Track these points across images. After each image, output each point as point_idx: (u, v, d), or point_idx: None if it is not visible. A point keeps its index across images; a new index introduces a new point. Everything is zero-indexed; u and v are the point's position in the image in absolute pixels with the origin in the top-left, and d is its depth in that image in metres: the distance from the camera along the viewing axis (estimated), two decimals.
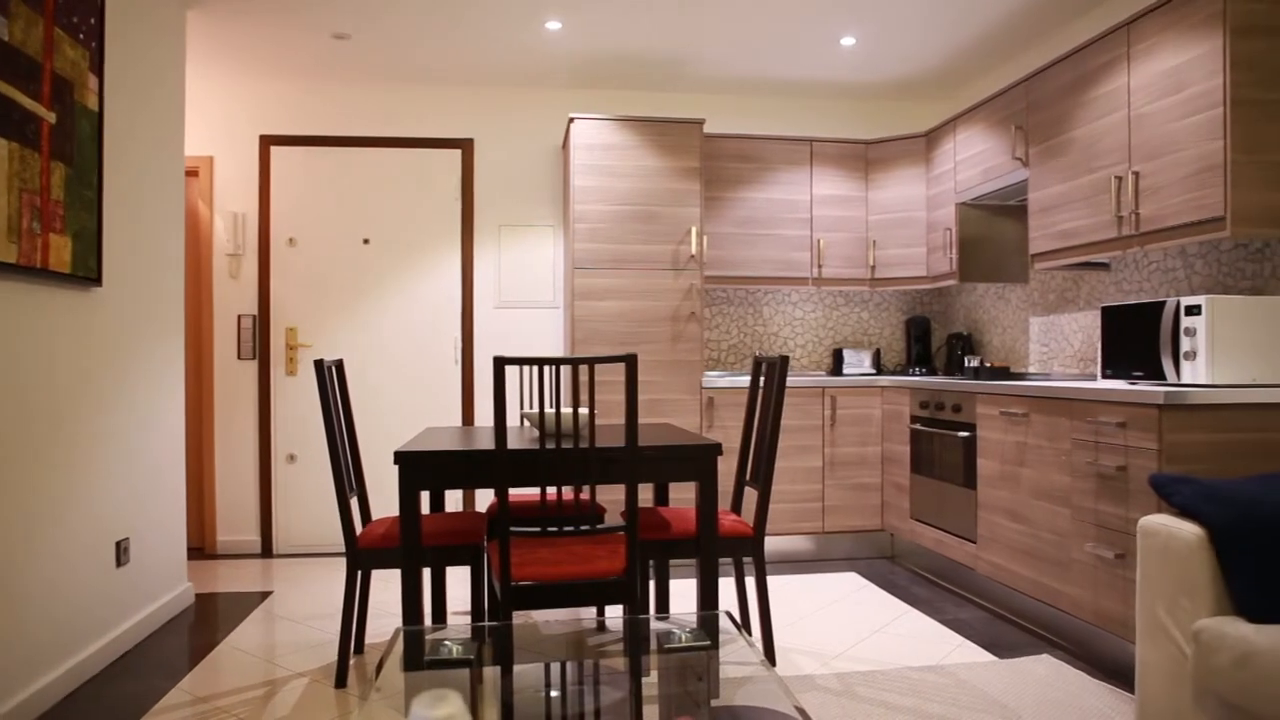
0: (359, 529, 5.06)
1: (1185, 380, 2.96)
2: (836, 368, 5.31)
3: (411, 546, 2.70)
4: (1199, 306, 2.89)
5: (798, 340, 5.48)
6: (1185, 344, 2.94)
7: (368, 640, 3.50)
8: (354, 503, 5.24)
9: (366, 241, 5.17)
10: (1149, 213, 3.20)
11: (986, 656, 3.25)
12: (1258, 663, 1.84)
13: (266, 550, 5.07)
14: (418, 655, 2.33)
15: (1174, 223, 3.08)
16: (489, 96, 5.29)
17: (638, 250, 4.66)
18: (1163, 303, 3.04)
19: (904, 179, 5.07)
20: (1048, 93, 3.82)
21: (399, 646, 2.31)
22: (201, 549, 5.09)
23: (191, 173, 5.04)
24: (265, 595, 4.19)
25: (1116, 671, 3.10)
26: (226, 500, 5.06)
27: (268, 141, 5.09)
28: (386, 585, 4.37)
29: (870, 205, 5.17)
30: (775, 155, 5.09)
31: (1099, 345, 3.59)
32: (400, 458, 2.67)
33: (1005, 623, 3.69)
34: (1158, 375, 3.07)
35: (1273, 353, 2.92)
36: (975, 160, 4.44)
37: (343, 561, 4.91)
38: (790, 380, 4.74)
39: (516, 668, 2.33)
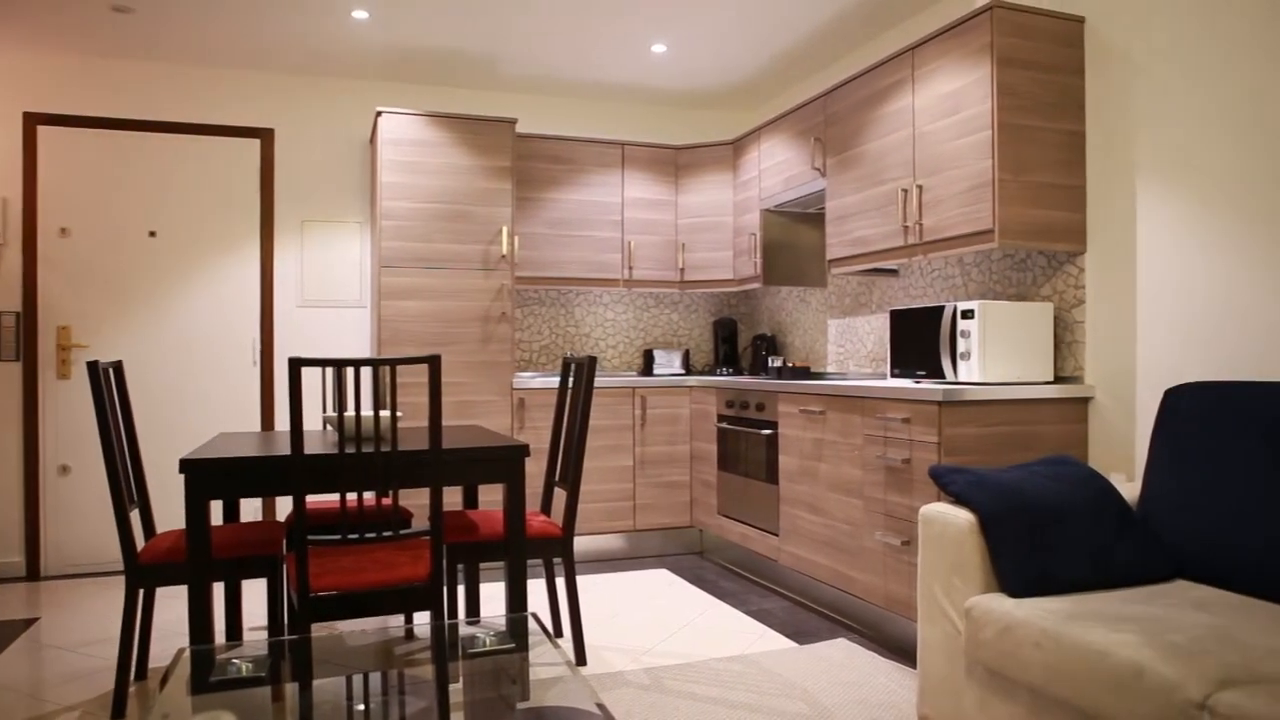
0: (141, 544, 4.69)
1: (961, 378, 3.21)
2: (647, 368, 5.41)
3: (199, 560, 2.53)
4: (972, 311, 3.15)
5: (609, 341, 5.55)
6: (961, 345, 3.20)
7: (152, 664, 3.24)
8: (135, 516, 4.84)
9: (153, 234, 4.80)
10: (931, 224, 3.46)
11: (788, 644, 3.41)
12: (1016, 633, 2.02)
13: (33, 573, 4.60)
14: (205, 675, 2.19)
15: (951, 233, 3.34)
16: (291, 85, 5.03)
17: (447, 249, 4.57)
18: (942, 307, 3.30)
19: (712, 185, 5.23)
20: (844, 108, 4.05)
21: (182, 668, 2.16)
22: None
23: None
24: (30, 622, 3.80)
25: (903, 650, 3.32)
26: None
27: (34, 120, 4.63)
28: (177, 604, 4.07)
29: (680, 209, 5.31)
30: (588, 157, 5.12)
31: (889, 346, 3.83)
32: (186, 465, 2.50)
33: (806, 610, 3.87)
34: (938, 374, 3.32)
35: (1031, 353, 3.22)
36: (778, 169, 4.64)
37: (124, 580, 4.53)
38: (601, 380, 4.78)
39: (316, 682, 2.23)
